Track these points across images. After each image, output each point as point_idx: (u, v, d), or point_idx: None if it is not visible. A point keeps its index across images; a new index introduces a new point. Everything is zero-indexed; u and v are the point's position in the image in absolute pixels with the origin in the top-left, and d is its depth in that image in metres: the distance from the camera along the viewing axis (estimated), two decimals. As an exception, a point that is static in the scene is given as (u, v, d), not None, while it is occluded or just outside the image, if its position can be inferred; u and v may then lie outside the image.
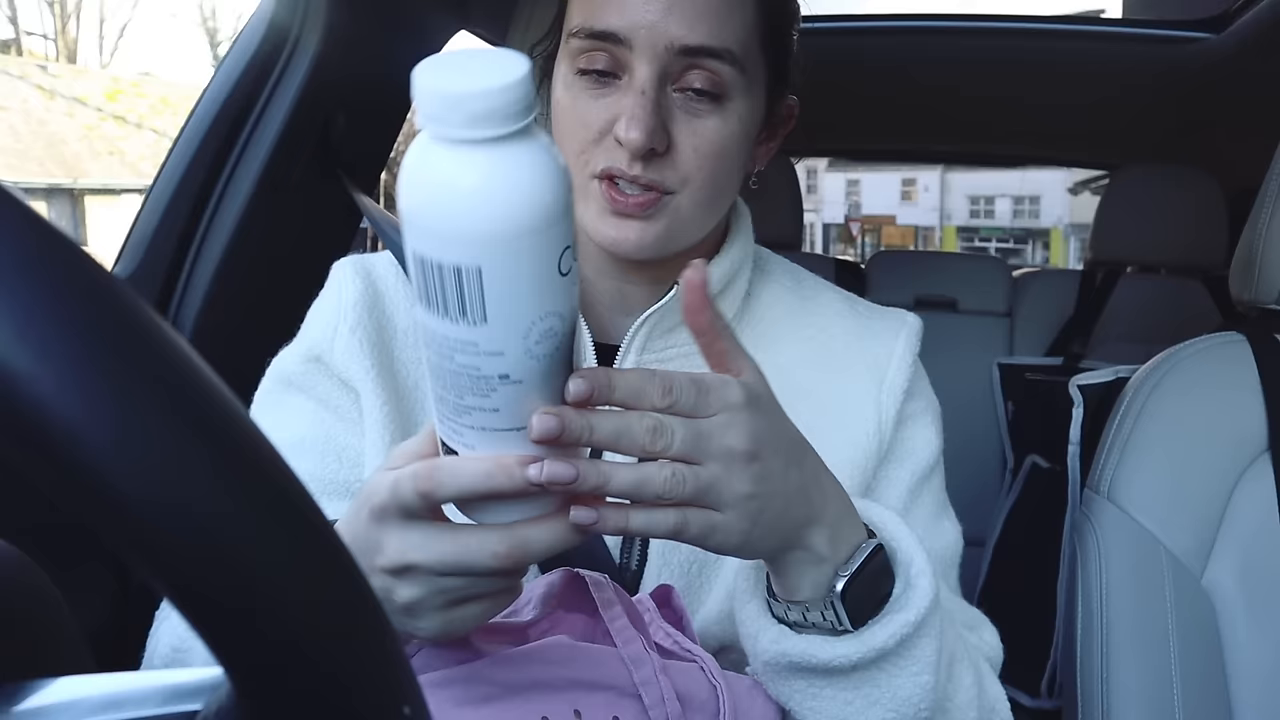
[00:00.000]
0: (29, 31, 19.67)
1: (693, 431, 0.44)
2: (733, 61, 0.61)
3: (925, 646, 0.53)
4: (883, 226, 30.64)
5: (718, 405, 0.45)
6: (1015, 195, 30.02)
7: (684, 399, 0.44)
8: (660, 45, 0.60)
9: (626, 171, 0.61)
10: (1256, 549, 0.84)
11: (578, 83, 0.63)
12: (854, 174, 30.09)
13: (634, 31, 0.60)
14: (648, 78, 0.60)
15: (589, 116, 0.62)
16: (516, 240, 0.37)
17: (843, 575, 0.50)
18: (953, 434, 0.77)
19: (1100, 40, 1.79)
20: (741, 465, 0.45)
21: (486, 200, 0.36)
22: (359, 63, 1.17)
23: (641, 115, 0.59)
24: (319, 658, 0.21)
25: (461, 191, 0.36)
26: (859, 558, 0.51)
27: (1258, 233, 0.93)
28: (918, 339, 0.74)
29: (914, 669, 0.52)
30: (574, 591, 0.56)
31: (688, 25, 0.60)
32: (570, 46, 0.63)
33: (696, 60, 0.61)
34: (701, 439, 0.44)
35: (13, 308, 0.19)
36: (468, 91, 0.36)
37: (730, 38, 0.61)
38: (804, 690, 0.54)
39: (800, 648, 0.52)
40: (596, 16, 0.61)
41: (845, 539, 0.51)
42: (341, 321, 0.69)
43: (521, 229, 0.37)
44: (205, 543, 0.20)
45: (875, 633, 0.51)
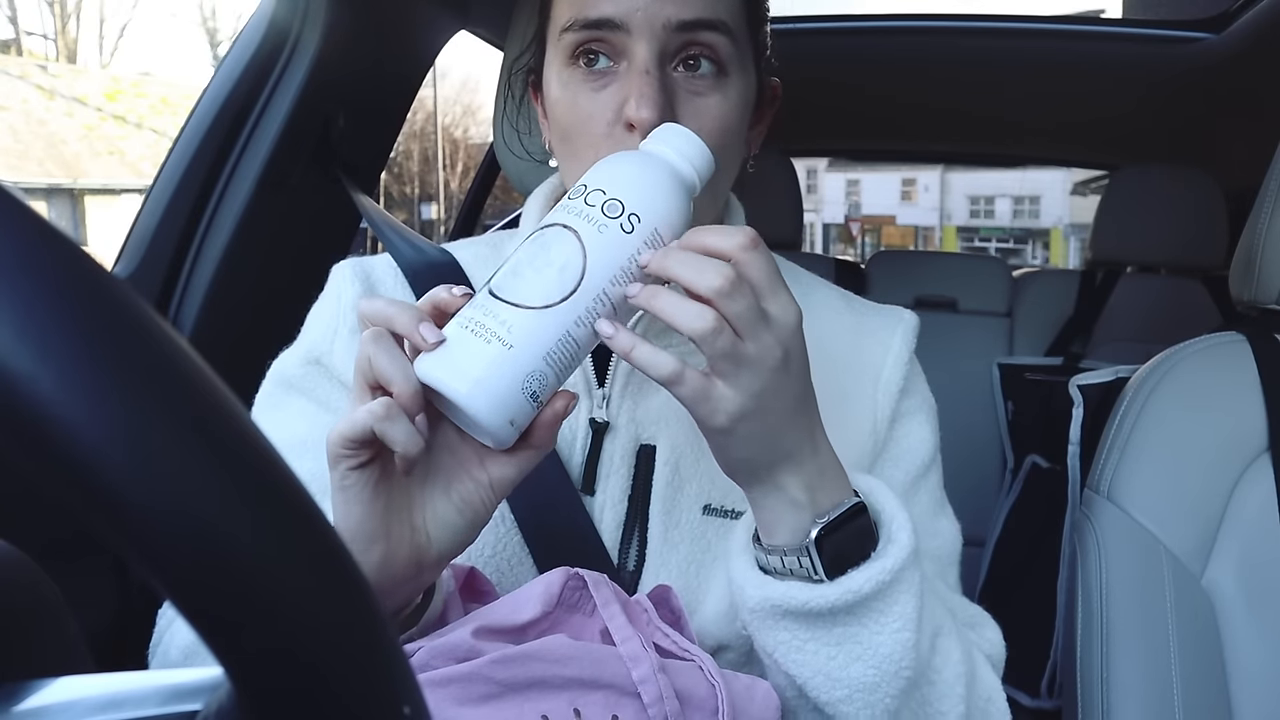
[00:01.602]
0: (29, 31, 19.68)
1: (754, 305, 0.49)
2: (727, 33, 0.62)
3: (905, 601, 0.54)
4: (883, 226, 30.65)
5: (782, 305, 0.50)
6: (1015, 195, 30.04)
7: (762, 271, 0.49)
8: (657, 24, 0.60)
9: None
10: (1256, 549, 0.84)
11: (575, 78, 0.63)
12: (854, 174, 30.11)
13: (630, 15, 0.60)
14: (649, 58, 0.61)
15: (593, 109, 0.62)
16: (670, 217, 0.52)
17: (818, 523, 0.53)
18: (953, 434, 0.78)
19: (1100, 40, 1.79)
20: (770, 362, 0.49)
21: (674, 194, 0.53)
22: (359, 63, 1.17)
23: (650, 93, 0.60)
24: (319, 657, 0.21)
25: (667, 182, 0.53)
26: (836, 511, 0.54)
27: (1258, 233, 0.93)
28: (914, 336, 0.74)
29: (894, 625, 0.54)
30: (573, 591, 0.56)
31: (681, 2, 0.61)
32: (563, 43, 0.63)
33: (694, 35, 0.61)
34: (756, 317, 0.49)
35: (12, 308, 0.19)
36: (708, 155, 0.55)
37: (722, 9, 0.62)
38: (788, 642, 0.56)
39: (780, 591, 0.54)
40: (589, 6, 0.61)
41: (826, 492, 0.54)
42: (341, 324, 0.69)
43: (676, 219, 0.53)
44: (205, 543, 0.20)
45: (852, 578, 0.53)
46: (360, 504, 0.49)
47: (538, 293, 0.47)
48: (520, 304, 0.47)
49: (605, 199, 0.50)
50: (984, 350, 2.04)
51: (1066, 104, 2.03)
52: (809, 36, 1.79)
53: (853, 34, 1.84)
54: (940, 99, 2.10)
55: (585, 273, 0.47)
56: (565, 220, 0.49)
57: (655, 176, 0.52)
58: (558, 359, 0.48)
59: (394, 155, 1.45)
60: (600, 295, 0.48)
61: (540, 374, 0.47)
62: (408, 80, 1.33)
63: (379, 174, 1.38)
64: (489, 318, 0.47)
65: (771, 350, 0.49)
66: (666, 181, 0.52)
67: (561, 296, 0.47)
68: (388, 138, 1.34)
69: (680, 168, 0.53)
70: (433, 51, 1.34)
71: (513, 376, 0.46)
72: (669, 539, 0.66)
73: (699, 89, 0.62)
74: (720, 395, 0.49)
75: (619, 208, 0.49)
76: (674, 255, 0.49)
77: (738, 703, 0.55)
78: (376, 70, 1.22)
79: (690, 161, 0.53)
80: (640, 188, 0.51)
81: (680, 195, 0.52)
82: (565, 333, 0.47)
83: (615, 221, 0.49)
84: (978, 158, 3.34)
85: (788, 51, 0.74)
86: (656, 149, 0.54)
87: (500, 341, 0.46)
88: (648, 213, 0.50)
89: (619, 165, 0.52)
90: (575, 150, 0.64)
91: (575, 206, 0.50)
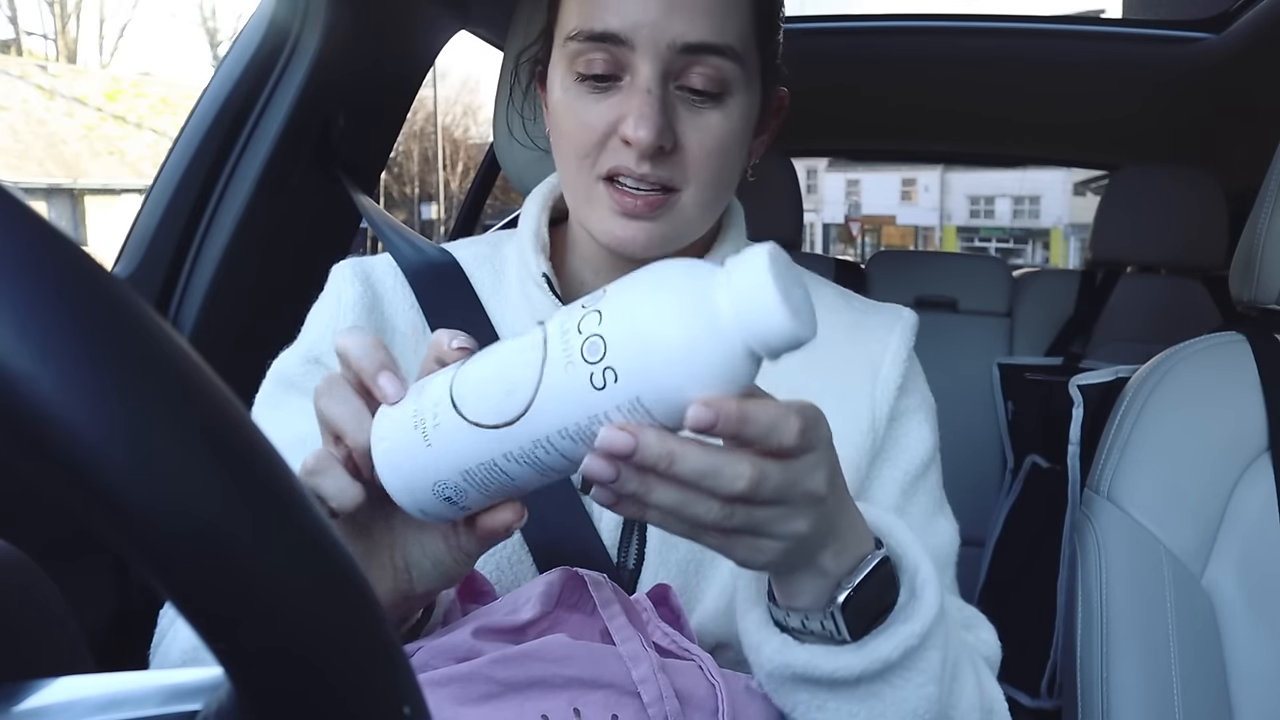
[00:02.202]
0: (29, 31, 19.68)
1: (788, 478, 0.41)
2: (733, 57, 0.62)
3: (930, 658, 0.52)
4: (883, 226, 30.65)
5: (819, 441, 0.43)
6: (1015, 195, 30.04)
7: (808, 438, 0.42)
8: (662, 44, 0.60)
9: (634, 170, 0.61)
10: (1256, 549, 0.84)
11: (577, 86, 0.63)
12: (854, 174, 30.10)
13: (635, 31, 0.60)
14: (651, 76, 0.60)
15: (591, 119, 0.62)
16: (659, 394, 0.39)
17: (845, 588, 0.49)
18: (953, 434, 0.77)
19: (1100, 40, 1.79)
20: (811, 507, 0.44)
21: (678, 364, 0.39)
22: (359, 63, 1.17)
23: (650, 114, 0.59)
24: (319, 657, 0.21)
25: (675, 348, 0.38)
26: (863, 570, 0.49)
27: (1258, 233, 0.93)
28: (913, 334, 0.74)
29: (919, 680, 0.51)
30: (572, 590, 0.56)
31: (689, 22, 0.60)
32: (567, 50, 0.63)
33: (698, 58, 0.61)
34: (790, 486, 0.42)
35: (12, 308, 0.19)
36: (798, 336, 0.38)
37: (730, 34, 0.61)
38: (807, 702, 0.53)
39: (803, 659, 0.51)
40: (595, 18, 0.61)
41: (851, 552, 0.49)
42: (341, 323, 0.69)
43: (672, 397, 0.39)
44: (205, 543, 0.20)
45: (880, 644, 0.50)
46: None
47: (478, 405, 0.41)
48: (458, 408, 0.41)
49: (592, 333, 0.39)
50: (984, 350, 2.04)
51: (1067, 104, 2.03)
52: (809, 37, 1.79)
53: (853, 34, 1.84)
54: (940, 99, 2.10)
55: (529, 410, 0.39)
56: (550, 334, 0.40)
57: (683, 339, 0.38)
58: (480, 481, 0.42)
59: (394, 155, 1.45)
60: (544, 442, 0.40)
61: (455, 485, 0.43)
62: (408, 80, 1.33)
63: (379, 174, 1.38)
64: (432, 406, 0.42)
65: (816, 489, 0.43)
66: (698, 351, 0.38)
67: (494, 423, 0.40)
68: (388, 138, 1.34)
69: (733, 340, 0.38)
70: (433, 51, 1.34)
71: (422, 474, 0.43)
72: (667, 538, 0.66)
73: (700, 108, 0.62)
74: (761, 545, 0.44)
75: (599, 352, 0.38)
76: (674, 453, 0.39)
77: (738, 702, 0.54)
78: (376, 70, 1.22)
79: (766, 339, 0.38)
80: (644, 344, 0.38)
81: (711, 374, 0.38)
82: (491, 461, 0.41)
83: (587, 368, 0.38)
84: (978, 158, 3.34)
85: (788, 52, 0.74)
86: (723, 296, 0.38)
87: (423, 436, 0.42)
88: (632, 377, 0.38)
89: (648, 298, 0.39)
90: (572, 154, 0.64)
91: (568, 323, 0.40)
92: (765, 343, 0.38)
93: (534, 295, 0.70)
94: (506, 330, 0.71)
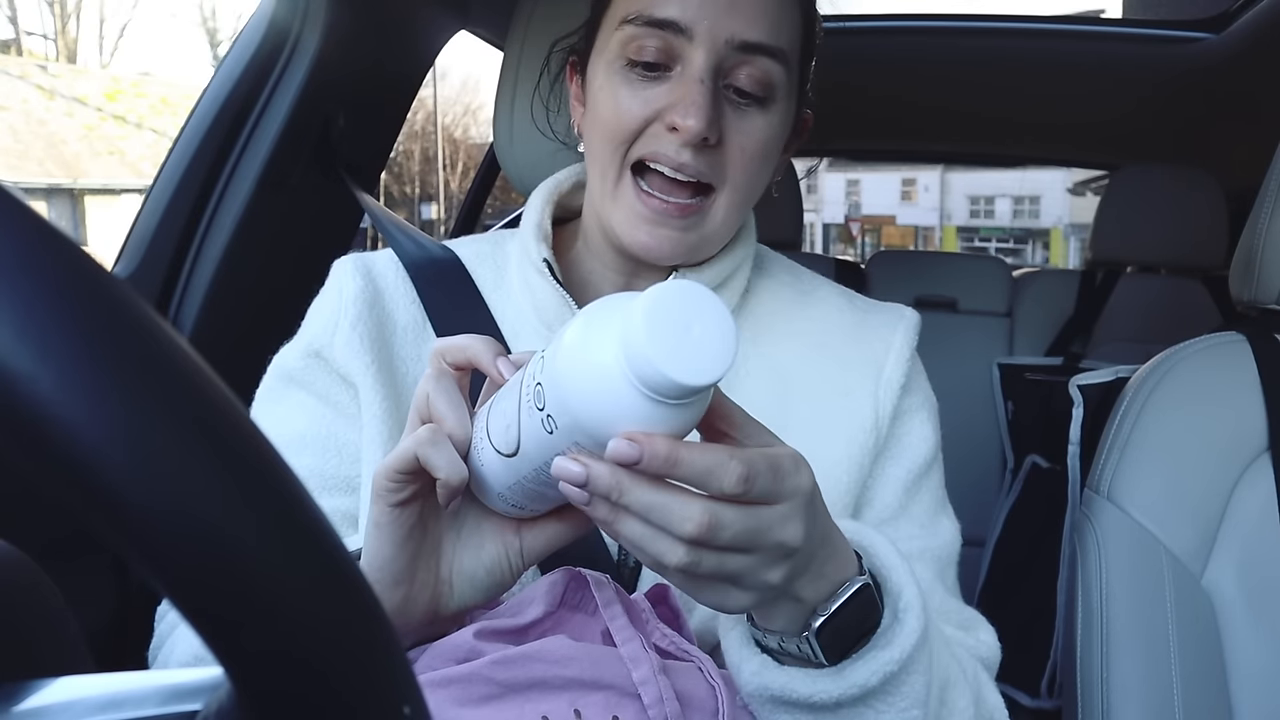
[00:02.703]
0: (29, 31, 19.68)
1: (750, 526, 0.41)
2: (783, 61, 0.62)
3: (914, 683, 0.51)
4: (883, 226, 30.65)
5: (788, 493, 0.42)
6: (1015, 195, 30.04)
7: (759, 486, 0.40)
8: (720, 38, 0.60)
9: (674, 158, 0.61)
10: (1256, 549, 0.84)
11: (624, 71, 0.63)
12: (854, 174, 30.11)
13: (696, 22, 0.60)
14: (705, 68, 0.60)
15: (634, 105, 0.62)
16: (588, 437, 0.41)
17: (820, 614, 0.48)
18: (953, 434, 0.77)
19: (1100, 40, 1.79)
20: (785, 560, 0.43)
21: (596, 405, 0.40)
22: (359, 62, 1.17)
23: (702, 103, 0.60)
24: (319, 657, 0.21)
25: (591, 391, 0.40)
26: (840, 597, 0.48)
27: (1258, 233, 0.93)
28: (915, 333, 0.74)
29: (902, 704, 0.51)
30: (574, 591, 0.56)
31: (748, 21, 0.60)
32: (621, 34, 0.63)
33: (751, 57, 0.61)
34: (756, 535, 0.41)
35: (12, 308, 0.19)
36: (665, 377, 0.38)
37: (784, 38, 0.62)
38: None
39: (781, 682, 0.50)
40: (657, 4, 0.61)
41: (829, 579, 0.48)
42: (342, 317, 0.69)
43: (598, 438, 0.41)
44: (205, 543, 0.20)
45: (858, 670, 0.49)
46: (392, 544, 0.49)
47: (497, 437, 0.46)
48: (490, 438, 0.46)
49: (536, 382, 0.41)
50: (984, 350, 2.04)
51: (1067, 104, 2.03)
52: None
53: (853, 34, 1.84)
54: (940, 99, 2.10)
55: (519, 447, 0.44)
56: (525, 378, 0.44)
57: (590, 382, 0.39)
58: (523, 494, 0.47)
59: (394, 155, 1.45)
60: (541, 469, 0.44)
61: (509, 496, 0.48)
62: (408, 80, 1.33)
63: (379, 173, 1.38)
64: (479, 434, 0.48)
65: (789, 540, 0.42)
66: (600, 395, 0.39)
67: (509, 452, 0.45)
68: (388, 137, 1.34)
69: (623, 379, 0.38)
70: (433, 51, 1.34)
71: (488, 488, 0.49)
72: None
73: (745, 110, 0.63)
74: (729, 594, 0.44)
75: (542, 400, 0.41)
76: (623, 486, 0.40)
77: (738, 703, 0.54)
78: (376, 70, 1.22)
79: (646, 380, 0.38)
80: (566, 390, 0.40)
81: (624, 418, 0.39)
82: (518, 480, 0.46)
83: (539, 415, 0.42)
84: (978, 158, 3.34)
85: None
86: (620, 340, 0.38)
87: (478, 458, 0.48)
88: (565, 423, 0.40)
89: (573, 342, 0.40)
90: (607, 143, 0.64)
91: (534, 366, 0.43)
92: (652, 387, 0.38)
93: (535, 283, 0.70)
94: (508, 324, 0.71)
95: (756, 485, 0.40)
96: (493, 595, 0.53)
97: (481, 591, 0.52)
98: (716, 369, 0.38)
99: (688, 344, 0.38)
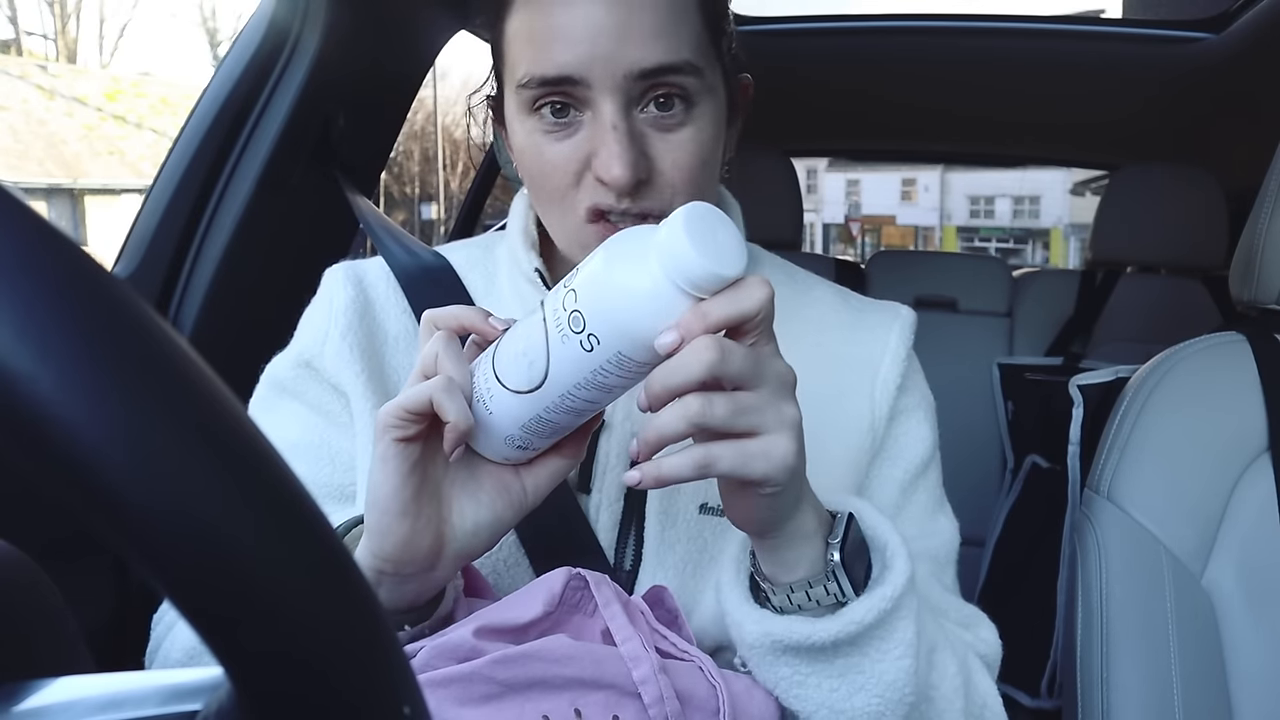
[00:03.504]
0: (29, 31, 19.69)
1: (752, 355, 0.47)
2: (692, 71, 0.59)
3: (904, 628, 0.54)
4: (883, 226, 30.66)
5: (772, 338, 0.49)
6: (1015, 195, 30.04)
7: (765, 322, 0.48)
8: (619, 75, 0.57)
9: (616, 206, 0.59)
10: (1256, 549, 0.84)
11: (538, 128, 0.60)
12: (854, 174, 30.11)
13: (589, 68, 0.57)
14: (614, 111, 0.58)
15: (560, 161, 0.60)
16: (631, 345, 0.48)
17: (834, 544, 0.53)
18: (952, 434, 0.77)
19: (1100, 40, 1.79)
20: (789, 391, 0.48)
21: (639, 315, 0.47)
22: (359, 63, 1.17)
23: (620, 151, 0.57)
24: (319, 657, 0.21)
25: (631, 300, 0.47)
26: (840, 528, 0.54)
27: (1258, 233, 0.93)
28: (911, 331, 0.74)
29: (896, 652, 0.54)
30: (573, 591, 0.57)
31: (642, 48, 0.57)
32: (520, 97, 0.60)
33: (658, 79, 0.58)
34: (758, 362, 0.47)
35: (12, 308, 0.19)
36: (704, 269, 0.45)
37: (685, 48, 0.59)
38: (789, 678, 0.55)
39: (783, 627, 0.54)
40: (545, 61, 0.58)
41: (822, 516, 0.54)
42: (333, 327, 0.69)
43: (640, 345, 0.48)
44: (205, 542, 0.20)
45: (854, 608, 0.53)
46: (398, 474, 0.51)
47: (512, 377, 0.50)
48: (501, 382, 0.51)
49: (572, 309, 0.47)
50: (984, 350, 2.04)
51: (1067, 104, 2.03)
52: (809, 37, 1.79)
53: (853, 34, 1.84)
54: (940, 99, 2.10)
55: (548, 375, 0.49)
56: (546, 313, 0.49)
57: (631, 296, 0.46)
58: (535, 430, 0.52)
59: (394, 155, 1.45)
60: (568, 394, 0.49)
61: (519, 437, 0.52)
62: (408, 80, 1.33)
63: (379, 174, 1.38)
64: (484, 384, 0.52)
65: (784, 371, 0.49)
66: (644, 302, 0.46)
67: (530, 388, 0.50)
68: (388, 138, 1.34)
69: (668, 283, 0.46)
70: (433, 51, 1.34)
71: (494, 435, 0.53)
72: (665, 538, 0.66)
73: (669, 125, 0.60)
74: (765, 446, 0.47)
75: (580, 323, 0.47)
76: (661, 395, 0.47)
77: (738, 703, 0.55)
78: (376, 70, 1.22)
79: (691, 279, 0.46)
80: (607, 307, 0.47)
81: (661, 317, 0.47)
82: (537, 415, 0.51)
83: (576, 337, 0.47)
84: (978, 158, 3.34)
85: (788, 52, 0.74)
86: (657, 255, 0.46)
87: (485, 408, 0.52)
88: (609, 338, 0.47)
89: (602, 270, 0.48)
90: (547, 196, 0.62)
91: (556, 301, 0.49)
92: (691, 281, 0.45)
93: (526, 292, 0.70)
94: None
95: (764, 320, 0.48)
96: (491, 540, 0.55)
97: (482, 534, 0.54)
98: (741, 261, 0.47)
99: (716, 244, 0.46)
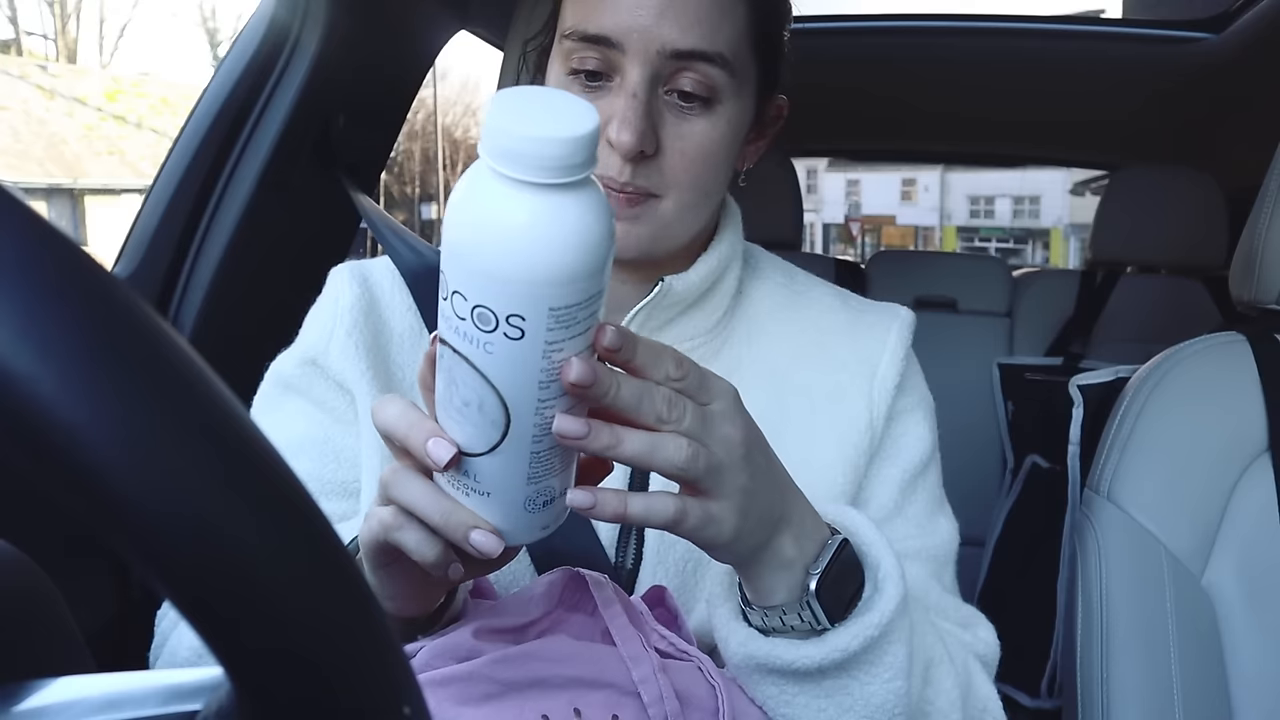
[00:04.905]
0: (29, 31, 19.69)
1: (699, 413, 0.45)
2: (724, 65, 0.61)
3: (895, 652, 0.53)
4: (883, 226, 30.64)
5: (716, 394, 0.47)
6: (1015, 195, 30.02)
7: (691, 379, 0.46)
8: (652, 49, 0.60)
9: (616, 179, 0.61)
10: (1256, 549, 0.84)
11: (569, 84, 0.63)
12: (854, 174, 30.09)
13: (626, 35, 0.60)
14: (639, 80, 0.60)
15: None
16: (552, 286, 0.39)
17: (814, 574, 0.51)
18: (952, 434, 0.77)
19: (1100, 40, 1.79)
20: (740, 454, 0.46)
21: (535, 243, 0.38)
22: (359, 62, 1.17)
23: (632, 118, 0.59)
24: (319, 657, 0.21)
25: (514, 231, 0.38)
26: (826, 555, 0.52)
27: (1258, 233, 0.93)
28: (910, 332, 0.74)
29: (885, 675, 0.53)
30: (573, 590, 0.57)
31: (680, 29, 0.60)
32: (563, 47, 0.63)
33: (688, 64, 0.61)
34: (707, 421, 0.46)
35: (13, 308, 0.19)
36: (543, 138, 0.36)
37: (722, 42, 0.61)
38: (776, 696, 0.54)
39: (765, 650, 0.52)
40: (589, 19, 0.61)
41: (811, 538, 0.52)
42: (338, 325, 0.69)
43: (560, 277, 0.39)
44: (206, 544, 0.20)
45: (839, 635, 0.51)
46: (391, 587, 0.50)
47: (476, 438, 0.42)
48: (471, 452, 0.43)
49: (470, 307, 0.39)
50: (984, 350, 2.04)
51: (1067, 104, 2.03)
52: (809, 37, 1.79)
53: (853, 34, 1.84)
54: (940, 99, 2.10)
55: (507, 407, 0.41)
56: (451, 340, 0.41)
57: (500, 230, 0.38)
58: (543, 470, 0.44)
59: (394, 155, 1.45)
60: (538, 410, 0.41)
61: (532, 493, 0.44)
62: (408, 80, 1.33)
63: (379, 174, 1.38)
64: (461, 481, 0.44)
65: (733, 434, 0.46)
66: (523, 234, 0.37)
67: (500, 435, 0.42)
68: (388, 138, 1.34)
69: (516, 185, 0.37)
70: (433, 51, 1.34)
71: (508, 512, 0.44)
72: (665, 538, 0.66)
73: (686, 114, 0.62)
74: (716, 512, 0.46)
75: (489, 318, 0.39)
76: (619, 381, 0.43)
77: (737, 703, 0.55)
78: (376, 70, 1.22)
79: (518, 166, 0.37)
80: (491, 265, 0.38)
81: (533, 223, 0.38)
82: (529, 455, 0.43)
83: (494, 334, 0.39)
84: (978, 158, 3.34)
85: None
86: (487, 163, 0.38)
87: (478, 494, 0.44)
88: (523, 297, 0.38)
89: (469, 239, 0.38)
90: None
91: (449, 316, 0.40)
92: (528, 166, 0.37)
93: None
94: None
95: (690, 375, 0.46)
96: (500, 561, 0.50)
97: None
98: (587, 121, 0.37)
99: (548, 115, 0.37)
